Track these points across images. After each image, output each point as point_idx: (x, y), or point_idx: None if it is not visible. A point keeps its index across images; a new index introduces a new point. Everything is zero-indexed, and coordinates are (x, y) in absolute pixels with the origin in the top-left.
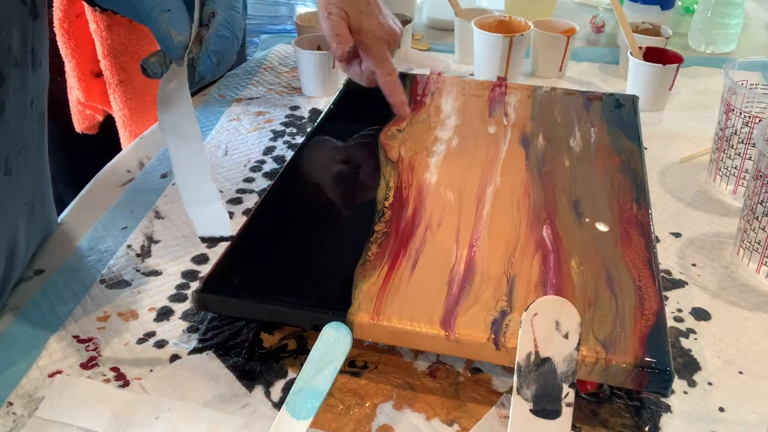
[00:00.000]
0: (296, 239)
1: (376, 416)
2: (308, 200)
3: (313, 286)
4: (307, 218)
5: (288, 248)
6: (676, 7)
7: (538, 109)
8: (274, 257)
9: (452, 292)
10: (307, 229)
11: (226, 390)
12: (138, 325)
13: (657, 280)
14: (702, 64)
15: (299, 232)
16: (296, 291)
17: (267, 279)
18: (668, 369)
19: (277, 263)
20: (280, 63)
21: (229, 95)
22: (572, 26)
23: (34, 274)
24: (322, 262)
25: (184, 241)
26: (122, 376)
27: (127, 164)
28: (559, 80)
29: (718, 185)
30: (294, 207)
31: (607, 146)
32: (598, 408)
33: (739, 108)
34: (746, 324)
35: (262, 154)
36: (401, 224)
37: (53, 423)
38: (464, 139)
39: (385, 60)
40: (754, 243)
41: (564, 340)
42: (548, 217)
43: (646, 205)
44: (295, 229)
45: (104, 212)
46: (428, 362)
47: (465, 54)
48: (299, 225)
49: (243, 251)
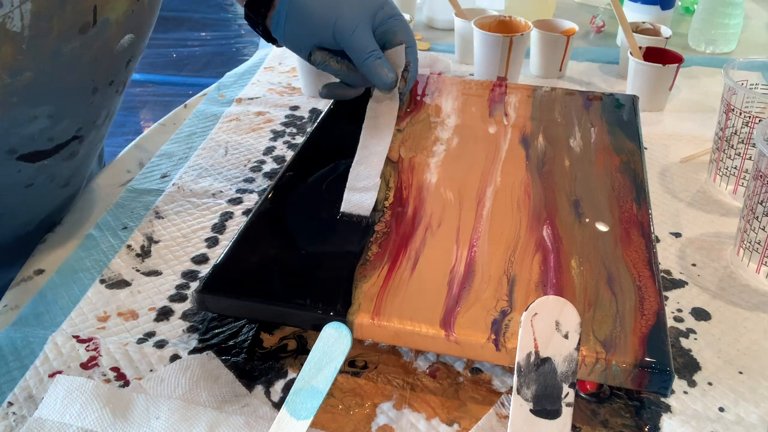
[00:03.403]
0: (296, 239)
1: (376, 416)
2: (308, 200)
3: (313, 286)
4: (307, 218)
5: (288, 248)
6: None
7: (538, 109)
8: (274, 257)
9: (452, 292)
10: (307, 229)
11: (226, 390)
12: (138, 325)
13: (657, 280)
14: (702, 64)
15: (299, 232)
16: (296, 291)
17: (267, 279)
18: (668, 369)
19: (277, 263)
20: (280, 63)
21: (229, 95)
22: (572, 26)
23: (34, 274)
24: (322, 262)
25: (184, 241)
26: (122, 376)
27: (127, 164)
28: (559, 80)
29: (718, 185)
30: (294, 207)
31: (607, 146)
32: (598, 408)
33: (739, 108)
34: (746, 324)
35: (262, 154)
36: (401, 224)
37: (53, 423)
38: (464, 139)
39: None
40: (754, 243)
41: (564, 340)
42: (548, 217)
43: (646, 205)
44: (295, 229)
45: (104, 212)
46: (428, 362)
47: (465, 54)
48: (299, 225)
49: (243, 251)
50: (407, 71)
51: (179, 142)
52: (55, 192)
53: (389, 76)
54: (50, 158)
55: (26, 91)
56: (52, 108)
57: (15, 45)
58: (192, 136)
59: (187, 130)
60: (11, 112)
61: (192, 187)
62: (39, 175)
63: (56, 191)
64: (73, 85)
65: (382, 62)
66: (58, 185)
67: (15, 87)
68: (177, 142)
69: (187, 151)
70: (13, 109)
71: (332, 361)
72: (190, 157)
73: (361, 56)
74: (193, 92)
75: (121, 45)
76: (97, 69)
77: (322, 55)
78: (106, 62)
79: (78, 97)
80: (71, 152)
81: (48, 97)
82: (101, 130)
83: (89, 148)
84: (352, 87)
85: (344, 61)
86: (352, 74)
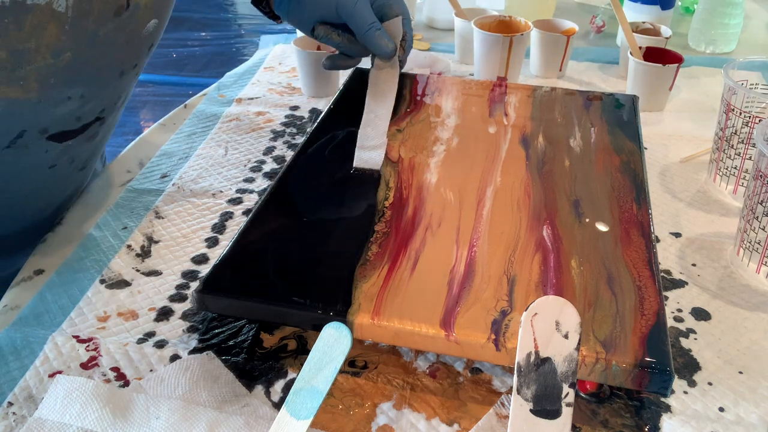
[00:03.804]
0: (296, 239)
1: (376, 416)
2: (308, 200)
3: (313, 286)
4: (307, 218)
5: (288, 248)
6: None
7: (538, 109)
8: (274, 257)
9: (452, 292)
10: (307, 229)
11: (226, 390)
12: (138, 325)
13: (657, 280)
14: (702, 64)
15: (299, 232)
16: (296, 291)
17: (267, 279)
18: (668, 369)
19: (277, 263)
20: (280, 63)
21: (229, 95)
22: (572, 26)
23: (34, 274)
24: (322, 262)
25: (184, 241)
26: (122, 376)
27: (127, 164)
28: (559, 80)
29: (718, 185)
30: (294, 207)
31: (607, 146)
32: (598, 408)
33: (739, 108)
34: (746, 324)
35: (262, 154)
36: (401, 224)
37: (53, 423)
38: (464, 139)
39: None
40: (754, 243)
41: (564, 340)
42: (548, 217)
43: (646, 205)
44: (295, 229)
45: (104, 212)
46: (428, 362)
47: (465, 54)
48: (299, 225)
49: (243, 251)
50: (404, 41)
51: (179, 142)
52: (73, 175)
53: (389, 45)
54: (74, 139)
55: (65, 72)
56: (84, 89)
57: (59, 25)
58: (192, 136)
59: (187, 130)
60: (50, 92)
61: (192, 187)
62: (63, 155)
63: (74, 174)
64: (104, 68)
65: (382, 33)
66: (77, 168)
67: (56, 67)
68: (177, 142)
69: (187, 151)
70: (52, 89)
71: (332, 361)
72: (190, 157)
73: (363, 28)
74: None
75: (147, 29)
76: (126, 52)
77: (325, 29)
78: (134, 46)
79: (107, 79)
80: (93, 133)
81: (82, 79)
82: (118, 114)
83: (106, 130)
84: (352, 58)
85: (345, 34)
86: (352, 46)
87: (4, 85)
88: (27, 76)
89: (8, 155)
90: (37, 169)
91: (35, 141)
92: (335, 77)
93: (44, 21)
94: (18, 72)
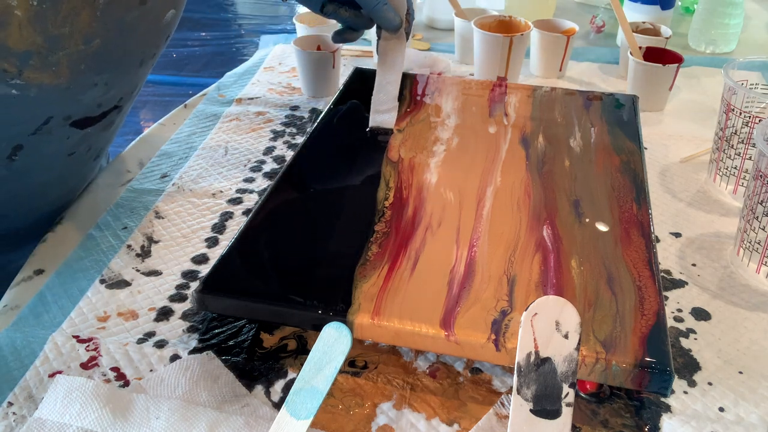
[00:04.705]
0: (296, 239)
1: (376, 416)
2: (308, 200)
3: (313, 286)
4: (307, 218)
5: (288, 248)
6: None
7: (538, 109)
8: (274, 257)
9: (452, 292)
10: (307, 229)
11: (226, 390)
12: (138, 325)
13: (657, 280)
14: (702, 64)
15: (299, 232)
16: (296, 291)
17: (267, 279)
18: (668, 369)
19: (277, 263)
20: (280, 63)
21: (229, 95)
22: (572, 26)
23: (34, 274)
24: (322, 262)
25: (184, 241)
26: (122, 376)
27: (127, 164)
28: (559, 80)
29: (718, 185)
30: (294, 207)
31: (607, 146)
32: (598, 408)
33: (739, 108)
34: (746, 324)
35: (262, 154)
36: (401, 224)
37: (53, 423)
38: (464, 139)
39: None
40: (754, 243)
41: (564, 340)
42: (548, 217)
43: (646, 205)
44: (295, 229)
45: (104, 212)
46: (428, 362)
47: (465, 54)
48: (299, 225)
49: (243, 251)
50: (408, 14)
51: (179, 142)
52: (88, 165)
53: (396, 18)
54: (94, 126)
55: (93, 59)
56: (109, 76)
57: (92, 12)
58: (192, 136)
59: (187, 130)
60: (79, 79)
61: (192, 187)
62: (81, 143)
63: (89, 164)
64: (128, 55)
65: (388, 7)
66: (92, 157)
67: (86, 54)
68: (177, 142)
69: (187, 151)
70: (81, 75)
71: (332, 361)
72: (190, 157)
73: (371, 3)
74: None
75: (166, 19)
76: (147, 41)
77: (333, 6)
78: (154, 35)
79: (128, 67)
80: (110, 122)
81: (109, 66)
82: (131, 105)
83: (120, 120)
84: (356, 30)
85: (351, 9)
86: (358, 20)
87: (38, 71)
88: (59, 61)
89: (32, 142)
90: (58, 156)
91: (59, 127)
92: (335, 77)
93: (78, 7)
94: (51, 57)
